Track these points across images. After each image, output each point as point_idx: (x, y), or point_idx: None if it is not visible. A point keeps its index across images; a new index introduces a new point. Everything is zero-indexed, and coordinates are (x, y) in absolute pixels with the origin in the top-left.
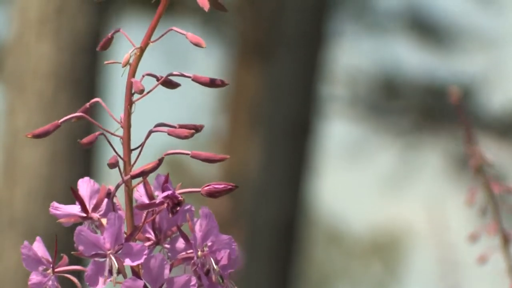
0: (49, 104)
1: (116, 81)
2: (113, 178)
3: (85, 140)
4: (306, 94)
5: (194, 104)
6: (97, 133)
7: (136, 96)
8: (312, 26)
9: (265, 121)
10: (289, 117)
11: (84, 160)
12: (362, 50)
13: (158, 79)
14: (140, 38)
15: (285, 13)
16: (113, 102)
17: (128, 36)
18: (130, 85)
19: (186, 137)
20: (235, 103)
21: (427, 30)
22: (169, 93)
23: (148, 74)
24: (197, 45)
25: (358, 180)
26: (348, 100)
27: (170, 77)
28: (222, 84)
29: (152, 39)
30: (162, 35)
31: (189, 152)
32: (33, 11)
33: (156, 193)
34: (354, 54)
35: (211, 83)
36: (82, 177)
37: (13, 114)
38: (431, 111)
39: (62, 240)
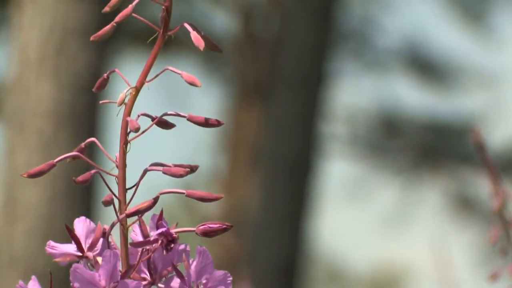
0: (49, 143)
1: (115, 120)
2: (113, 217)
3: (80, 178)
4: (306, 133)
5: (193, 143)
6: (92, 171)
7: (131, 136)
8: (311, 65)
9: (265, 160)
10: (289, 156)
11: (83, 200)
12: (362, 88)
13: (153, 119)
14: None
15: (285, 52)
16: (114, 141)
17: (123, 75)
18: (125, 124)
19: (181, 176)
20: (235, 142)
21: (427, 68)
22: (168, 131)
23: (143, 114)
24: (192, 84)
25: (358, 218)
26: (348, 138)
27: (166, 117)
28: (217, 124)
29: (148, 78)
30: (158, 75)
31: (184, 191)
32: (33, 51)
33: (151, 233)
34: (354, 93)
35: (207, 123)
36: (82, 216)
37: (13, 153)
38: (430, 149)
39: (62, 279)
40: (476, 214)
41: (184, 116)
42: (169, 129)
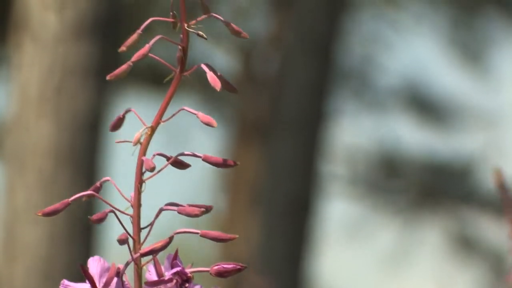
0: (49, 182)
1: (116, 160)
2: (112, 257)
3: (95, 217)
4: (306, 173)
5: (193, 182)
6: (107, 210)
7: (146, 175)
8: (311, 104)
9: (265, 200)
10: (288, 195)
11: (83, 239)
12: (361, 128)
13: (168, 159)
14: (141, 115)
15: (285, 91)
16: (115, 180)
17: (138, 115)
18: (140, 164)
19: (196, 216)
20: (234, 181)
21: (427, 108)
22: (168, 170)
23: (159, 154)
24: (208, 124)
25: (358, 257)
26: (347, 178)
27: (181, 157)
28: (234, 164)
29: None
30: (174, 115)
31: (198, 231)
32: (33, 90)
33: (166, 272)
34: (354, 132)
35: (223, 164)
36: (82, 256)
37: (13, 192)
38: (430, 189)
39: None
40: (477, 254)
41: (199, 157)
42: (184, 169)
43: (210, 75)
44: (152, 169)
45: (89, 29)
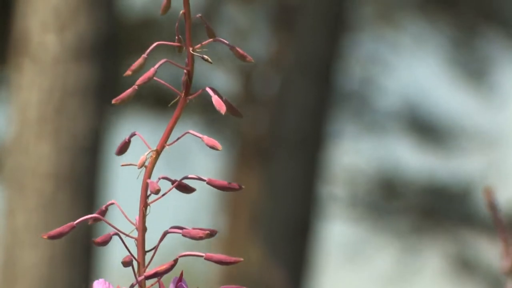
0: (49, 204)
1: (116, 181)
2: (113, 280)
3: (100, 239)
4: (306, 195)
5: (193, 203)
6: (112, 233)
7: (151, 198)
8: (311, 126)
9: (265, 222)
10: (288, 217)
11: (83, 261)
12: (361, 150)
13: (172, 183)
14: (142, 136)
15: (285, 113)
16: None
17: (143, 138)
18: (145, 187)
19: (200, 238)
20: (234, 203)
21: (427, 129)
22: (170, 192)
23: (163, 178)
24: (213, 148)
25: (358, 279)
26: (347, 200)
27: (186, 180)
28: (238, 188)
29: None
30: (179, 138)
31: (203, 254)
32: (32, 111)
33: None
34: (354, 154)
35: (228, 187)
36: (82, 278)
37: (12, 213)
38: (431, 211)
39: None
40: (477, 276)
41: (204, 180)
42: (189, 193)
43: (215, 99)
44: (157, 192)
45: (89, 50)
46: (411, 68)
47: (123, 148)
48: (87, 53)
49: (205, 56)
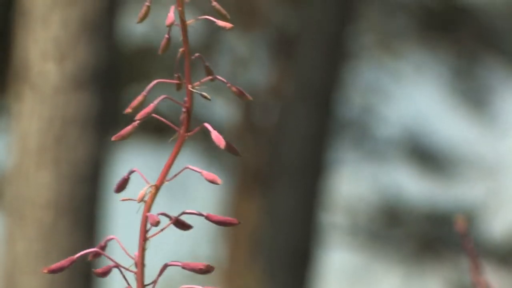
0: (49, 232)
1: (115, 210)
2: None
3: (99, 270)
4: (306, 223)
5: (193, 232)
6: (111, 265)
7: (150, 233)
8: (311, 154)
9: (265, 250)
10: (289, 245)
11: None
12: (362, 177)
13: (170, 219)
14: (140, 166)
15: (285, 141)
16: (112, 232)
17: (143, 175)
18: (145, 221)
19: (201, 271)
20: (235, 232)
21: (428, 157)
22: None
23: (162, 214)
24: (213, 182)
25: None
26: (348, 228)
27: (183, 216)
28: (237, 223)
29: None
30: (178, 173)
31: None
32: (32, 140)
33: None
34: (354, 182)
35: (226, 223)
36: None
37: (12, 241)
38: (432, 238)
39: None
40: None
41: (202, 215)
42: (186, 230)
43: (214, 134)
44: (157, 224)
45: (89, 79)
46: (412, 96)
47: (122, 185)
48: (87, 82)
49: (204, 93)
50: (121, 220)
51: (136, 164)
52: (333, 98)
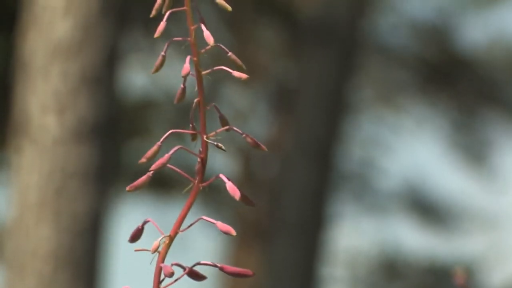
0: (48, 285)
1: (115, 264)
2: None
3: None
4: (306, 276)
5: (192, 285)
6: None
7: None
8: (311, 207)
9: None
10: None
11: None
12: (362, 230)
13: (184, 269)
14: (138, 220)
15: (285, 194)
16: (113, 285)
17: (156, 224)
18: (158, 272)
19: None
20: (234, 284)
21: (428, 210)
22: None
23: (176, 264)
24: (227, 233)
25: None
26: (348, 281)
27: (196, 268)
28: (252, 275)
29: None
30: (192, 224)
31: None
32: (32, 193)
33: None
34: (354, 235)
35: (239, 274)
36: None
37: None
38: None
39: None
40: None
41: (217, 266)
42: (200, 280)
43: (229, 185)
44: (171, 275)
45: (89, 132)
46: (412, 149)
47: (137, 235)
48: (87, 135)
49: (220, 144)
50: (121, 272)
51: (135, 217)
52: (333, 151)
